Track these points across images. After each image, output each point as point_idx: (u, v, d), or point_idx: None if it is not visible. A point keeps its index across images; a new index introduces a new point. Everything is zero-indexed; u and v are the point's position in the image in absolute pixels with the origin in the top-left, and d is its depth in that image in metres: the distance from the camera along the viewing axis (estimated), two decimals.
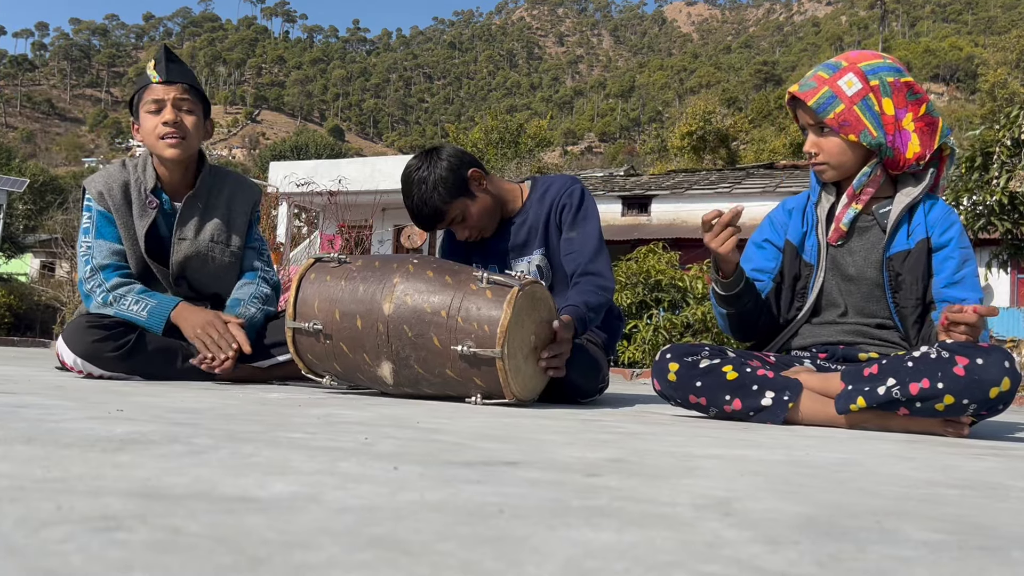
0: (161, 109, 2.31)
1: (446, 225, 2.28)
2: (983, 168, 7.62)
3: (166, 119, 2.29)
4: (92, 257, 2.31)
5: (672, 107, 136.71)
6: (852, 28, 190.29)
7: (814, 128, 1.96)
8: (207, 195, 2.48)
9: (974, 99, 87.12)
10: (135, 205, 2.36)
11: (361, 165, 18.17)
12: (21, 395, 1.47)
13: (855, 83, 1.90)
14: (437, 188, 2.18)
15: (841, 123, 1.90)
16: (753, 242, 2.14)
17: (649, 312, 6.17)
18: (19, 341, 8.54)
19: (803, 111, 1.96)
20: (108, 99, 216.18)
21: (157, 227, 2.39)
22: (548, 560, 0.48)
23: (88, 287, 2.30)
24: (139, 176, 2.39)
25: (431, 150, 2.28)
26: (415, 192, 2.21)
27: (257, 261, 2.56)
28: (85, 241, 2.35)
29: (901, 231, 1.94)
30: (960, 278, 1.88)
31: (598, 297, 2.15)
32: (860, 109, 1.89)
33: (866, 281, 1.95)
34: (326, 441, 1.01)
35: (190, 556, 0.45)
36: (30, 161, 61.99)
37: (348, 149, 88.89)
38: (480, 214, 2.27)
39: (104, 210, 2.34)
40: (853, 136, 1.90)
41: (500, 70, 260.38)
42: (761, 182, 19.39)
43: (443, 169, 2.20)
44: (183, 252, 2.40)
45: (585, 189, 2.35)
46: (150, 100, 2.32)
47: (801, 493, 0.79)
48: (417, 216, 2.25)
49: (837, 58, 1.98)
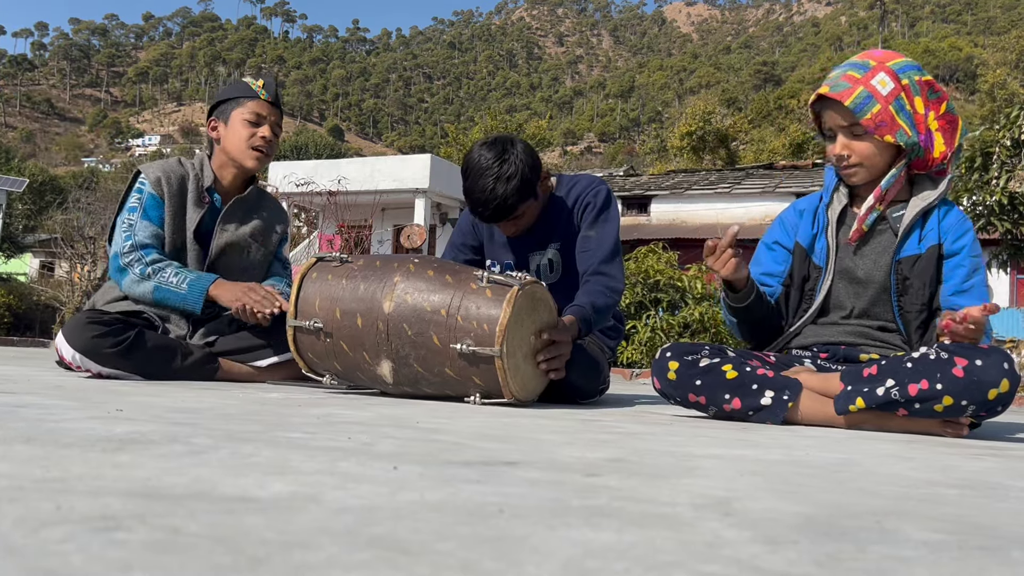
0: (260, 124, 2.51)
1: (510, 222, 2.23)
2: (983, 168, 7.63)
3: (264, 135, 2.50)
4: (135, 234, 2.41)
5: (672, 107, 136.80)
6: (852, 28, 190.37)
7: (845, 130, 1.89)
8: (253, 203, 2.64)
9: (973, 99, 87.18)
10: (190, 196, 2.49)
11: (361, 165, 18.16)
12: (20, 395, 1.47)
13: (888, 82, 1.85)
14: (516, 186, 2.12)
15: (878, 124, 1.84)
16: (764, 243, 2.14)
17: (648, 312, 6.16)
18: (18, 341, 8.54)
19: (835, 112, 1.89)
20: (108, 99, 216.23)
21: (203, 222, 2.52)
22: (548, 560, 0.48)
23: (126, 260, 2.37)
24: (198, 173, 2.54)
25: (507, 142, 2.18)
26: (493, 185, 2.11)
27: (282, 271, 2.74)
28: (129, 219, 2.43)
29: (913, 235, 1.92)
30: (969, 287, 1.87)
31: (606, 299, 2.14)
32: (894, 109, 1.85)
33: (874, 284, 1.94)
34: (325, 441, 1.01)
35: (189, 556, 0.45)
36: (29, 161, 61.98)
37: (348, 149, 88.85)
38: (535, 214, 2.28)
39: (157, 195, 2.44)
40: (889, 137, 1.85)
41: (500, 70, 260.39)
42: (760, 182, 19.40)
43: (527, 168, 2.14)
44: (224, 240, 2.53)
45: (611, 192, 2.34)
46: (252, 111, 2.49)
47: (800, 493, 0.79)
48: (484, 206, 2.14)
49: (862, 57, 1.92)
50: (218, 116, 2.54)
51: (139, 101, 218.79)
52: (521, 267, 2.37)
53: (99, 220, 14.34)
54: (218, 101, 2.56)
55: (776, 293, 2.05)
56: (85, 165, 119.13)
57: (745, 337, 2.07)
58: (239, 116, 2.49)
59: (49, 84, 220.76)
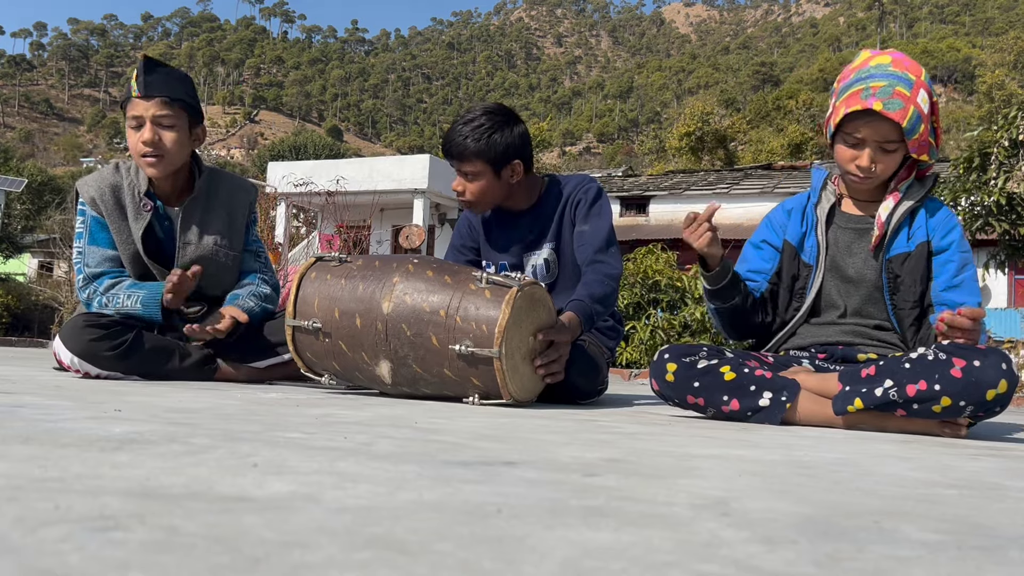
0: (141, 126, 2.27)
1: (460, 168, 2.26)
2: (981, 169, 7.62)
3: (144, 138, 2.25)
4: (85, 265, 2.32)
5: (670, 108, 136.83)
6: (850, 29, 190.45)
7: (879, 143, 1.85)
8: (206, 199, 2.47)
9: (972, 100, 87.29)
10: (129, 208, 2.35)
11: (359, 165, 18.17)
12: (19, 395, 1.47)
13: (927, 100, 1.83)
14: (482, 140, 2.19)
15: (920, 144, 1.84)
16: (751, 243, 2.14)
17: (647, 313, 6.17)
18: (17, 341, 8.53)
19: (881, 127, 1.82)
20: (106, 99, 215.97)
21: (153, 229, 2.38)
22: (546, 560, 0.48)
23: (85, 295, 2.32)
24: (132, 179, 2.37)
25: (506, 113, 2.27)
26: (462, 128, 2.21)
27: (255, 263, 2.57)
28: (78, 246, 2.35)
29: (902, 233, 1.93)
30: (959, 282, 1.88)
31: (604, 287, 2.14)
32: (930, 127, 1.86)
33: (865, 283, 1.95)
34: (324, 441, 1.01)
35: (187, 556, 0.45)
36: (28, 161, 61.88)
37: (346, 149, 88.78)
38: (487, 191, 2.26)
39: (97, 215, 2.33)
40: (925, 156, 1.87)
41: (498, 71, 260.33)
42: (759, 183, 19.41)
43: (504, 137, 2.21)
44: (189, 256, 2.39)
45: (601, 188, 2.36)
46: (131, 116, 2.29)
47: (799, 493, 0.79)
48: (448, 141, 2.25)
49: (898, 66, 1.85)
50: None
51: None
52: (517, 268, 2.37)
53: None
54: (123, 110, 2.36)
55: (761, 289, 2.06)
56: (84, 165, 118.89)
57: (726, 329, 2.07)
58: (127, 124, 2.29)
59: (48, 84, 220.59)
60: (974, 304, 1.83)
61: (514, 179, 2.26)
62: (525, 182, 2.32)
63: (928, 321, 1.89)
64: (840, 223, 2.02)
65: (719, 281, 1.95)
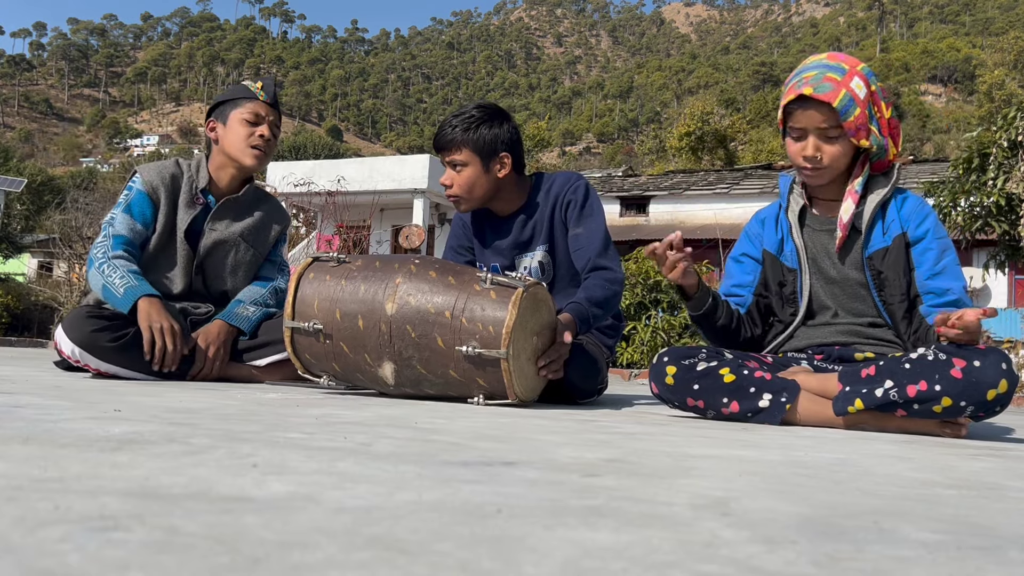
0: (259, 123, 2.53)
1: (448, 159, 2.28)
2: (980, 169, 7.62)
3: (263, 134, 2.52)
4: (112, 224, 2.43)
5: (670, 108, 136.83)
6: (850, 29, 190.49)
7: (820, 132, 1.86)
8: (246, 203, 2.63)
9: (972, 100, 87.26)
10: (183, 197, 2.52)
11: (359, 165, 18.15)
12: (19, 395, 1.47)
13: (863, 86, 1.84)
14: (469, 131, 2.22)
15: (857, 127, 1.84)
16: (732, 258, 2.15)
17: (647, 313, 6.17)
18: (16, 341, 8.52)
19: (816, 112, 1.84)
20: (106, 99, 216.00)
21: (195, 222, 2.54)
22: (546, 560, 0.48)
23: (96, 250, 2.38)
24: (192, 175, 2.56)
25: (496, 110, 2.32)
26: (456, 120, 2.26)
27: (275, 272, 2.69)
28: (113, 213, 2.47)
29: (876, 229, 1.93)
30: (942, 268, 1.88)
31: (604, 291, 2.14)
32: (868, 113, 1.86)
33: (850, 282, 1.96)
34: (324, 441, 1.01)
35: (187, 556, 0.45)
36: (28, 161, 61.90)
37: (346, 149, 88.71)
38: (475, 184, 2.26)
39: (148, 194, 2.47)
40: (865, 141, 1.86)
41: (498, 70, 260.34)
42: (759, 183, 19.41)
43: (494, 128, 2.24)
44: (212, 239, 2.54)
45: (589, 184, 2.35)
46: (251, 111, 2.51)
47: (798, 493, 0.79)
48: (437, 136, 2.30)
49: (832, 59, 1.90)
50: (216, 117, 2.55)
51: (137, 101, 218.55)
52: (509, 270, 2.36)
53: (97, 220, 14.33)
54: (217, 103, 2.58)
55: (747, 303, 2.07)
56: (83, 165, 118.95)
57: (716, 343, 2.07)
58: (238, 116, 2.51)
59: (47, 84, 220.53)
60: (959, 288, 1.84)
61: (502, 173, 2.26)
62: (515, 182, 2.32)
63: (919, 312, 1.89)
64: (812, 225, 2.02)
65: (700, 306, 1.97)
